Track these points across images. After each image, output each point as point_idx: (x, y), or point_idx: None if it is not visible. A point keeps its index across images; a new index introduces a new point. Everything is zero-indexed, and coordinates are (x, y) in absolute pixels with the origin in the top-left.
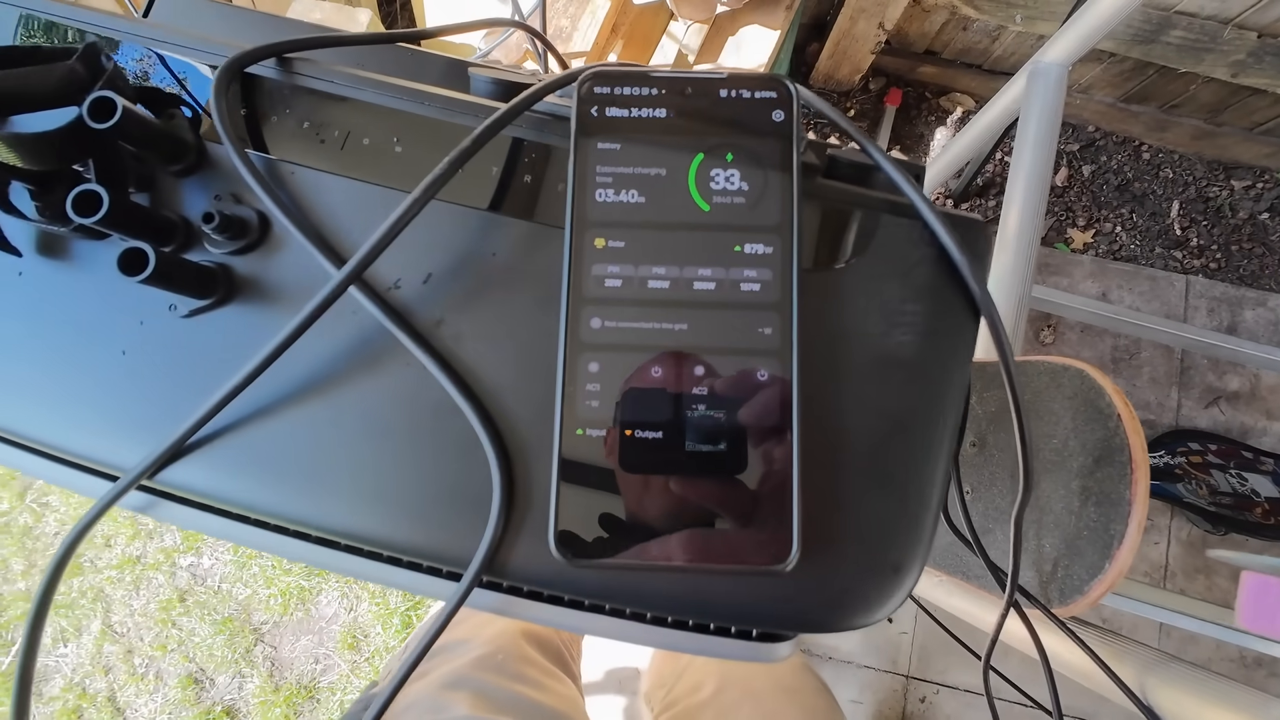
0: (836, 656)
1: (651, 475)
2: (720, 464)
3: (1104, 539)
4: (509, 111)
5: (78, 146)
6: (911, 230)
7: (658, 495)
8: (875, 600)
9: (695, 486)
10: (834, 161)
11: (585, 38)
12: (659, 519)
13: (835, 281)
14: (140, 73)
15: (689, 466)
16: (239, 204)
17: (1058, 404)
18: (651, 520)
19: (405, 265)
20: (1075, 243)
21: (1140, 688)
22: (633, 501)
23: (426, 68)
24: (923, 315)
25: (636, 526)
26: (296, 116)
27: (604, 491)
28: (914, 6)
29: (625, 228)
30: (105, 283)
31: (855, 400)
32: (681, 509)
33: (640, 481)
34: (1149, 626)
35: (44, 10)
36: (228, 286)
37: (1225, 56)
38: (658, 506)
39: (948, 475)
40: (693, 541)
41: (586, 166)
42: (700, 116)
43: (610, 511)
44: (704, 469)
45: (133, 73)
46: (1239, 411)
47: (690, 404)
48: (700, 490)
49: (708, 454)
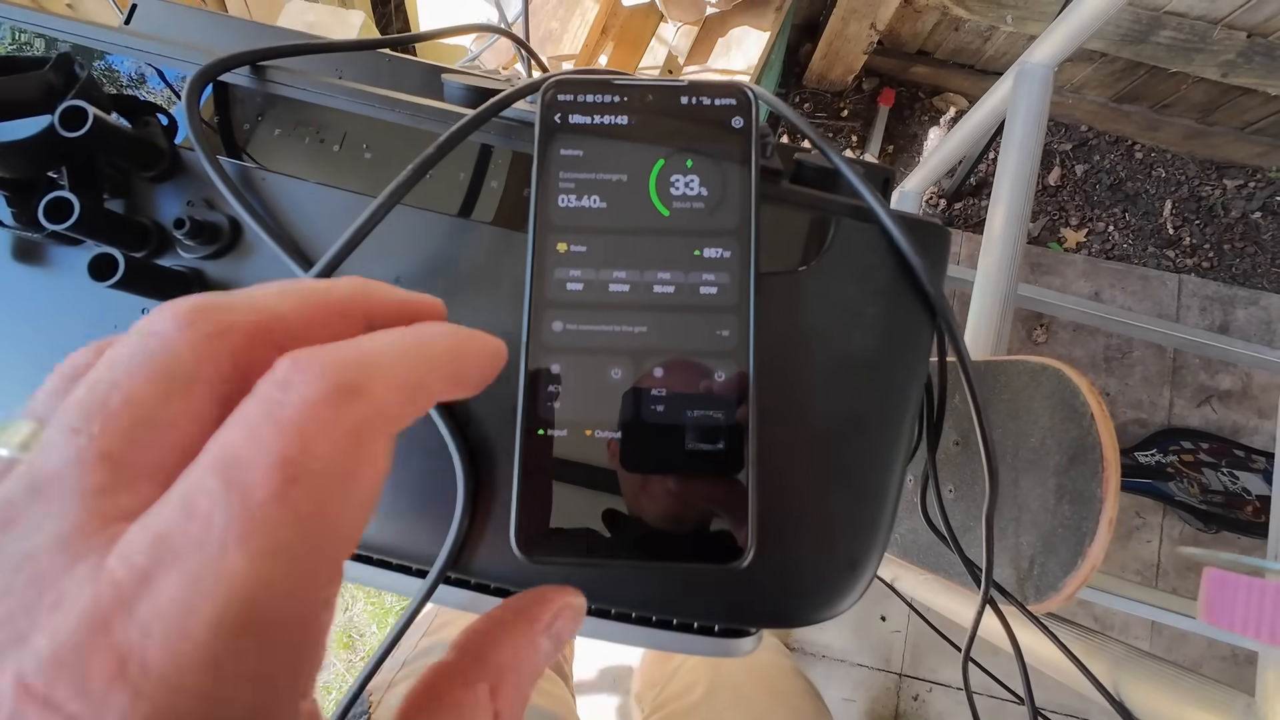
0: (829, 655)
1: (610, 475)
2: (678, 463)
3: (1077, 536)
4: (473, 119)
5: (51, 154)
6: (871, 234)
7: (616, 494)
8: (833, 595)
9: (653, 485)
10: (800, 166)
11: (575, 40)
12: (617, 517)
13: (795, 284)
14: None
15: (647, 466)
16: (211, 209)
17: (1036, 403)
18: (609, 518)
19: (374, 269)
20: (1068, 242)
21: (1113, 683)
22: (592, 500)
23: (405, 74)
24: (880, 317)
25: (595, 524)
26: (269, 123)
27: (564, 491)
28: (906, 7)
29: (587, 232)
30: (79, 288)
31: (812, 400)
32: (639, 507)
33: (599, 480)
34: (1141, 625)
35: (18, 19)
36: (200, 290)
37: (1215, 56)
38: (616, 505)
39: (904, 472)
40: (650, 539)
41: (549, 172)
42: (661, 123)
43: (569, 510)
44: (662, 468)
45: (127, 75)
46: (1231, 410)
47: (649, 405)
48: (658, 489)
49: (666, 453)
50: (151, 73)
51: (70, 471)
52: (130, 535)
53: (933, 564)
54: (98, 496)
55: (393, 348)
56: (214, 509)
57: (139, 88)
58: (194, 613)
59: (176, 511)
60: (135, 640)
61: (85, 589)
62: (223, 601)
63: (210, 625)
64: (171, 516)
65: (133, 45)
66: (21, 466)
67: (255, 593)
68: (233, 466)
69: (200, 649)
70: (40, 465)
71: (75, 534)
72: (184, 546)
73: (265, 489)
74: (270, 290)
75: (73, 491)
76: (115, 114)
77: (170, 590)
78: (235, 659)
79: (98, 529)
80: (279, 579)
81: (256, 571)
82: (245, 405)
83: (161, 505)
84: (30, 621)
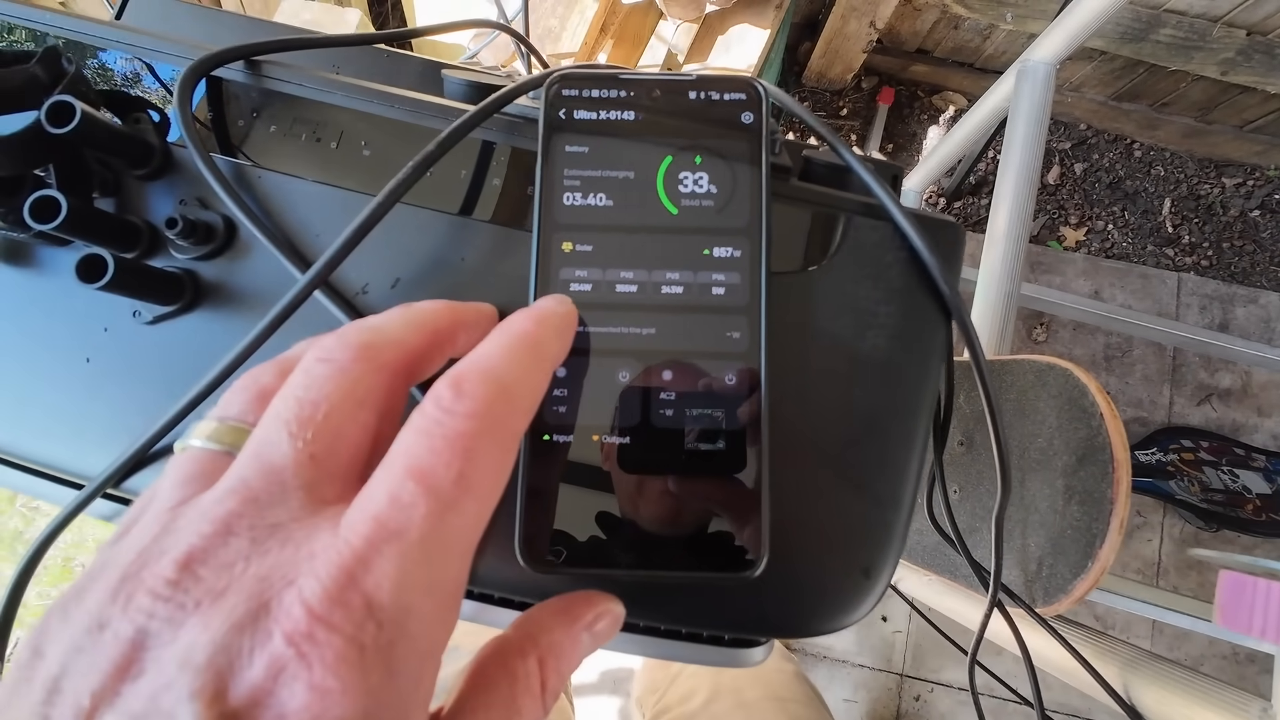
0: (831, 655)
1: (619, 481)
2: (689, 469)
3: (1087, 538)
4: (475, 115)
5: (38, 151)
6: (884, 232)
7: (625, 501)
8: (846, 604)
9: (662, 492)
10: (809, 163)
11: (574, 38)
12: (626, 525)
13: (807, 284)
14: (127, 76)
15: (655, 472)
16: (205, 209)
17: (1043, 403)
18: (618, 527)
19: (373, 270)
20: (1068, 240)
21: (1124, 686)
22: (599, 508)
23: (404, 70)
24: (894, 318)
25: (602, 533)
26: (265, 120)
27: (570, 498)
28: (905, 5)
29: (593, 231)
30: (68, 289)
31: (826, 403)
32: (648, 515)
33: (607, 488)
34: (1142, 624)
35: (1, 12)
36: (193, 292)
37: (1215, 54)
38: (624, 513)
39: (921, 477)
40: (660, 548)
41: (554, 170)
42: (669, 119)
43: (576, 519)
44: (672, 474)
45: (121, 74)
46: (1231, 408)
47: (658, 409)
48: (668, 496)
49: (676, 459)
50: (147, 71)
51: (293, 467)
52: (353, 517)
53: (938, 565)
54: (312, 488)
55: (509, 355)
56: (415, 503)
57: (134, 86)
58: (409, 573)
59: (386, 503)
60: (372, 589)
61: (331, 551)
62: (427, 565)
63: (422, 585)
64: (384, 506)
65: (123, 40)
66: (247, 458)
67: (442, 558)
68: (427, 474)
69: (411, 596)
70: (269, 459)
71: (307, 512)
72: (399, 527)
73: (450, 491)
74: (400, 324)
75: (297, 481)
76: (105, 110)
77: (393, 557)
78: (429, 601)
79: (318, 510)
80: (456, 557)
81: (447, 547)
82: (420, 421)
83: (372, 497)
84: (295, 570)
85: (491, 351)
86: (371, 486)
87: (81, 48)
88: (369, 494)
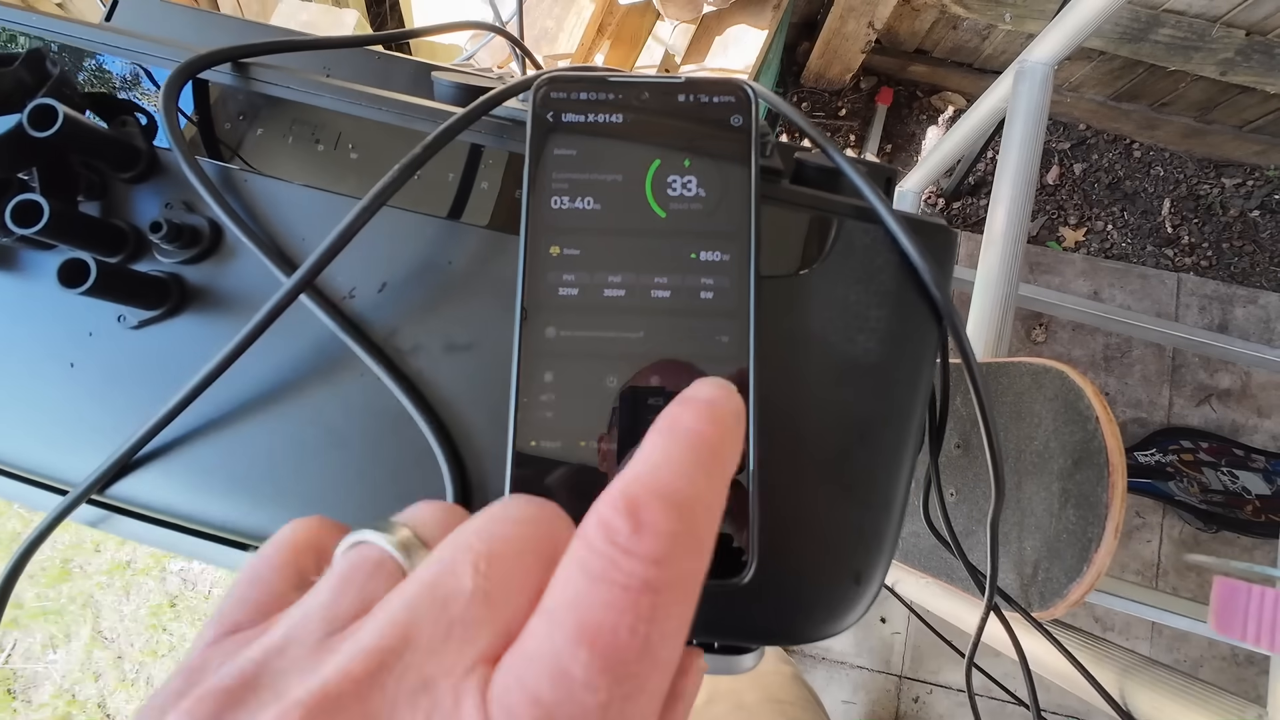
0: (830, 657)
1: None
2: None
3: (1082, 542)
4: (462, 118)
5: (19, 155)
6: (875, 235)
7: None
8: (837, 610)
9: None
10: (801, 166)
11: (571, 39)
12: None
13: (797, 287)
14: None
15: None
16: (191, 212)
17: (1039, 405)
18: None
19: (360, 274)
20: (1067, 241)
21: (1120, 691)
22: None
23: (395, 72)
24: (885, 322)
25: None
26: (252, 123)
27: (558, 503)
28: (904, 5)
29: (581, 235)
30: (52, 294)
31: (816, 408)
32: None
33: (594, 493)
34: (1141, 625)
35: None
36: (179, 296)
37: (1214, 54)
38: None
39: (911, 481)
40: None
41: (542, 173)
42: (658, 122)
43: None
44: None
45: (120, 76)
46: (1230, 409)
47: (646, 414)
48: None
49: None
50: (144, 74)
51: (467, 604)
52: (506, 687)
53: (935, 568)
54: (478, 628)
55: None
56: (592, 685)
57: (132, 88)
58: None
59: (551, 680)
60: None
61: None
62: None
63: None
64: (548, 684)
65: (109, 42)
66: (429, 579)
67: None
68: (606, 642)
69: None
70: (448, 587)
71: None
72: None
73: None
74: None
75: (465, 620)
76: (90, 113)
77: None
78: None
79: (472, 667)
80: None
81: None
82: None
83: (532, 660)
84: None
85: (667, 465)
86: (530, 643)
87: (78, 51)
88: (528, 655)
